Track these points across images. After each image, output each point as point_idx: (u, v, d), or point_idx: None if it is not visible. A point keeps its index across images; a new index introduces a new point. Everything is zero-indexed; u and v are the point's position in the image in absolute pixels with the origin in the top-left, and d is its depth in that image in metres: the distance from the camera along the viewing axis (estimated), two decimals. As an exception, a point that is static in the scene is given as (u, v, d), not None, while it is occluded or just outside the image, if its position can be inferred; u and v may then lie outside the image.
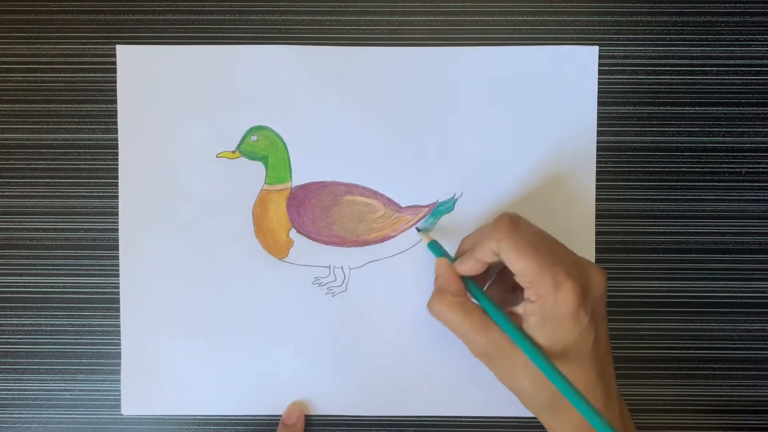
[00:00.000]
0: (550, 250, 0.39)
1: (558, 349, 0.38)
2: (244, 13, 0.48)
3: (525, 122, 0.47)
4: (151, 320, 0.48)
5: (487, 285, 0.45)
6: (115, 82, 0.47)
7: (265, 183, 0.47)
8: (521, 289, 0.44)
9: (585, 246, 0.47)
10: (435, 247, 0.45)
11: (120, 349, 0.48)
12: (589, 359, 0.38)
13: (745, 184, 0.48)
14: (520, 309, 0.39)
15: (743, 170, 0.48)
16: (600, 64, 0.47)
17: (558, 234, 0.47)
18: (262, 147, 0.47)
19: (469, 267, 0.41)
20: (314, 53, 0.47)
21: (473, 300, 0.41)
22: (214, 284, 0.48)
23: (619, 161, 0.48)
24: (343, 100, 0.47)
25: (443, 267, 0.42)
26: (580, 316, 0.37)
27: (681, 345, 0.48)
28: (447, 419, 0.48)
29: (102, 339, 0.48)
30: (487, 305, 0.40)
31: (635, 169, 0.48)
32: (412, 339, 0.47)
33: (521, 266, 0.38)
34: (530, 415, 0.47)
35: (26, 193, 0.48)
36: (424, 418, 0.48)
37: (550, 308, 0.37)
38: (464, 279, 0.42)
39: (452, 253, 0.44)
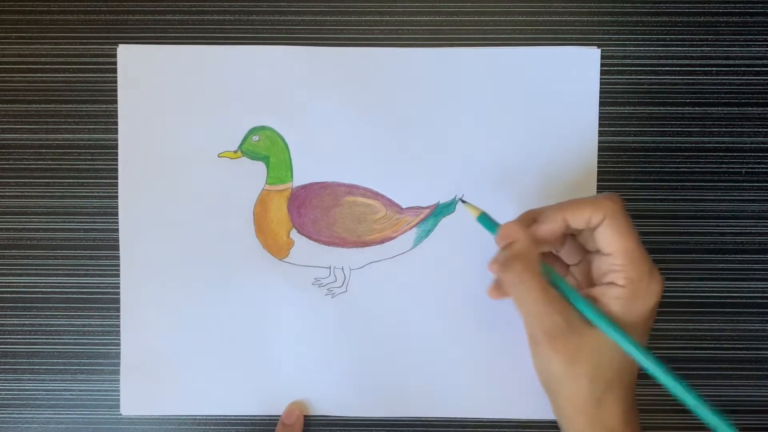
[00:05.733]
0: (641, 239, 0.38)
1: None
2: (244, 13, 0.48)
3: (526, 123, 0.47)
4: (151, 320, 0.48)
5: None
6: (115, 82, 0.47)
7: (266, 183, 0.47)
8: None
9: (585, 246, 0.47)
10: (487, 221, 0.41)
11: (120, 349, 0.48)
12: None
13: (745, 184, 0.48)
14: (597, 291, 0.38)
15: (743, 170, 0.48)
16: (601, 65, 0.47)
17: (558, 234, 0.47)
18: (264, 147, 0.47)
19: (554, 228, 0.38)
20: (315, 53, 0.47)
21: None
22: (215, 284, 0.48)
23: (620, 161, 0.48)
24: (344, 100, 0.47)
25: (521, 233, 0.38)
26: (654, 313, 0.38)
27: (681, 345, 0.48)
28: (446, 420, 0.48)
29: (102, 339, 0.48)
30: (561, 282, 0.39)
31: (636, 169, 0.48)
32: (412, 340, 0.47)
33: (622, 246, 0.37)
34: (529, 417, 0.47)
35: (26, 193, 0.48)
36: (423, 419, 0.48)
37: (640, 294, 0.37)
38: None
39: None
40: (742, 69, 0.48)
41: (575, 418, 0.38)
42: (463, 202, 0.46)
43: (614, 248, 0.37)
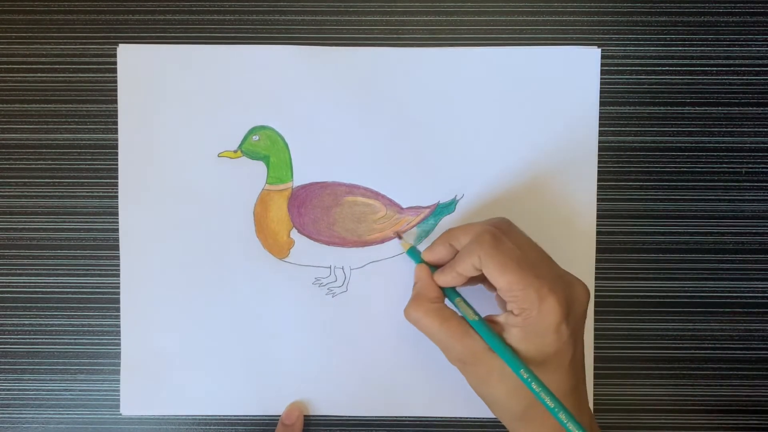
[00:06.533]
0: (533, 263, 0.39)
1: (537, 360, 0.38)
2: (244, 13, 0.48)
3: (526, 123, 0.47)
4: (151, 320, 0.48)
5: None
6: (115, 82, 0.47)
7: (266, 183, 0.47)
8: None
9: (585, 246, 0.47)
10: (414, 253, 0.45)
11: (120, 349, 0.48)
12: (566, 372, 0.38)
13: (745, 184, 0.48)
14: (501, 318, 0.39)
15: (743, 170, 0.48)
16: (601, 65, 0.47)
17: (559, 234, 0.47)
18: (264, 147, 0.47)
19: (449, 279, 0.41)
20: (314, 53, 0.47)
21: (451, 306, 0.41)
22: (215, 284, 0.48)
23: (620, 161, 0.48)
24: (344, 100, 0.47)
25: (423, 274, 0.43)
26: (562, 330, 0.38)
27: (681, 345, 0.48)
28: (446, 420, 0.48)
29: (102, 339, 0.48)
30: (464, 312, 0.40)
31: (636, 169, 0.48)
32: (412, 340, 0.47)
33: (504, 282, 0.38)
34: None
35: (26, 193, 0.48)
36: (423, 419, 0.48)
37: (534, 321, 0.38)
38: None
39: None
40: (742, 69, 0.48)
41: (513, 428, 0.40)
42: (399, 237, 0.47)
43: (498, 284, 0.39)
